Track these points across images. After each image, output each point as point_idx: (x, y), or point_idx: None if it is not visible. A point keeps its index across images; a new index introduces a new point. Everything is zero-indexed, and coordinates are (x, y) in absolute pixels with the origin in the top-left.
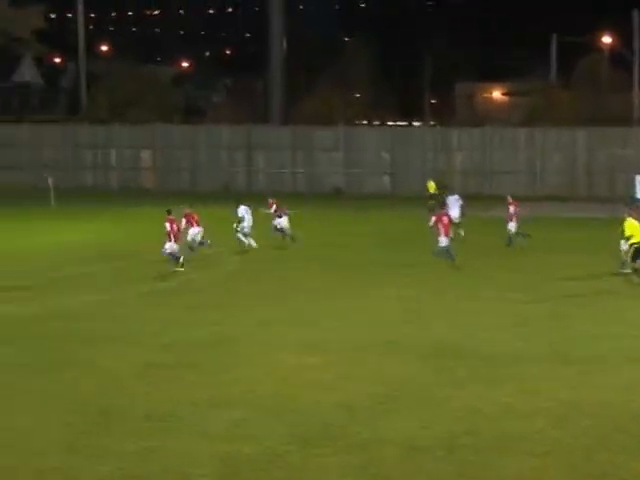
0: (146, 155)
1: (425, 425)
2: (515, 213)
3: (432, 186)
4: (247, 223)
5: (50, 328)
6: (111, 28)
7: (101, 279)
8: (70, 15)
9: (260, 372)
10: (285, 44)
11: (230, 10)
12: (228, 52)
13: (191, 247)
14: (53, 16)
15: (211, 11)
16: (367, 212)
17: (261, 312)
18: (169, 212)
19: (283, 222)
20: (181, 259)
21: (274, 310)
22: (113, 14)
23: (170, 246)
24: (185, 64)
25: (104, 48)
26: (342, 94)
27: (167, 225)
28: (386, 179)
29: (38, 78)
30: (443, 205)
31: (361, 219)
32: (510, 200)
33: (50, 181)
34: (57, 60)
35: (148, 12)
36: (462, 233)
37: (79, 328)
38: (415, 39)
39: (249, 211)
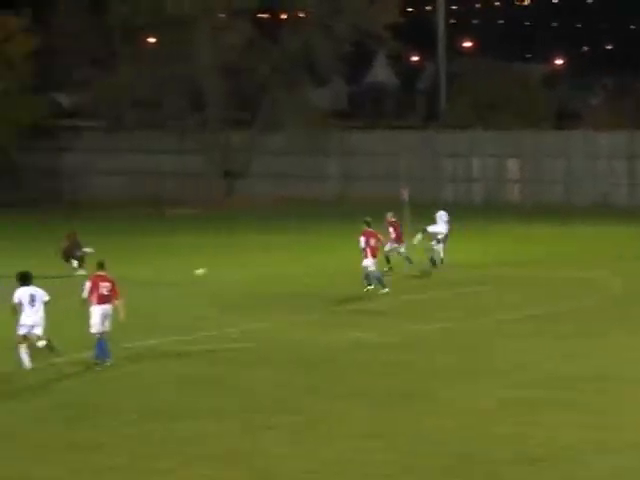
0: (513, 165)
1: None
2: None
3: None
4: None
5: (388, 357)
6: (475, 22)
7: (451, 305)
8: (429, 8)
9: None
10: None
11: None
12: (609, 47)
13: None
14: (410, 10)
15: (590, 0)
16: None
17: None
18: (368, 224)
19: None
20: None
21: None
22: (478, 5)
23: (370, 263)
24: (559, 62)
25: (467, 44)
26: None
27: (362, 240)
28: None
29: (393, 79)
30: None
31: None
32: None
33: (405, 194)
34: (414, 59)
35: (517, 3)
36: None
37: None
38: None
39: (444, 218)
